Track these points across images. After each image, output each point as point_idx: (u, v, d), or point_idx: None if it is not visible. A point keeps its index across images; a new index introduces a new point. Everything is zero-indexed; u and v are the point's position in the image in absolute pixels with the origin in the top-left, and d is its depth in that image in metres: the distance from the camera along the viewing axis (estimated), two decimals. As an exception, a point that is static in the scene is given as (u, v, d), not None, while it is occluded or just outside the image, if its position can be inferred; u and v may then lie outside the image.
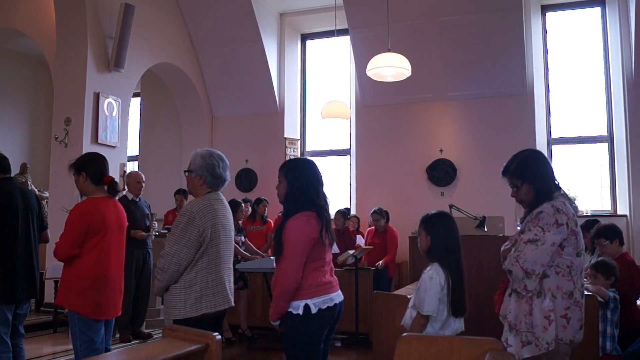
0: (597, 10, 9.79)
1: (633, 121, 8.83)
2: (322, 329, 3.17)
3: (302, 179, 3.19)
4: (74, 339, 3.88)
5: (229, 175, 3.57)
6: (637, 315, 4.80)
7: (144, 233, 6.89)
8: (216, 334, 2.49)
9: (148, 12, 9.49)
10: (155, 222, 7.24)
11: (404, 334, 2.70)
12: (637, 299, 4.91)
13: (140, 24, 9.08)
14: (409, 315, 3.24)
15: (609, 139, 9.39)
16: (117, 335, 6.80)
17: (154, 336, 7.06)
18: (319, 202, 3.19)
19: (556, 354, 2.92)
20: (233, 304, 3.50)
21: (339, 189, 10.92)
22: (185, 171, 3.53)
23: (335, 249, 7.46)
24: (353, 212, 9.97)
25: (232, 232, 3.56)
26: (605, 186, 9.39)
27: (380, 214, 8.04)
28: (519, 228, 3.20)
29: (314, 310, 3.09)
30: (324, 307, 3.13)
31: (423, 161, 9.76)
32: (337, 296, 3.26)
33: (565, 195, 3.13)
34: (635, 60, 8.70)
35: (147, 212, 7.15)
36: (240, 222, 7.35)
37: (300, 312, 3.08)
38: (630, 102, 8.89)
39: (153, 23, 9.71)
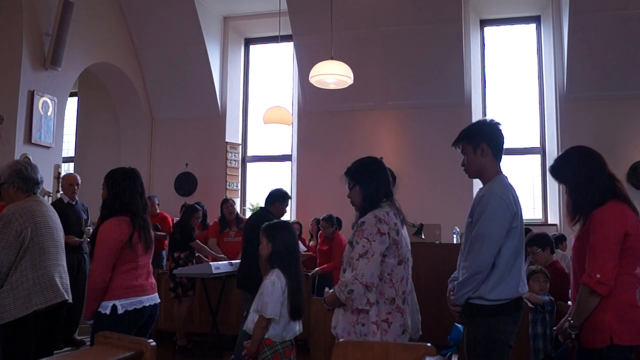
0: (532, 26, 10.16)
1: (564, 134, 9.15)
2: (129, 330, 3.31)
3: (118, 187, 3.43)
4: None
5: (41, 177, 3.75)
6: (567, 320, 4.99)
7: (77, 239, 6.67)
8: (151, 340, 2.45)
9: (88, 9, 9.22)
10: (89, 227, 7.03)
11: (340, 340, 2.72)
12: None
13: (80, 21, 8.82)
14: (251, 319, 3.38)
15: (542, 150, 9.72)
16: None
17: (87, 343, 6.85)
18: (134, 209, 3.41)
19: None
20: (67, 298, 3.65)
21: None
22: None
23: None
24: (294, 218, 9.97)
25: (60, 231, 3.75)
26: (537, 196, 9.70)
27: (328, 222, 8.01)
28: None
29: (120, 310, 3.29)
30: (130, 308, 3.33)
31: (364, 169, 9.82)
32: (149, 299, 3.45)
33: (393, 205, 3.32)
34: (567, 75, 9.04)
35: (84, 215, 6.96)
36: (195, 227, 7.46)
37: (108, 311, 3.28)
38: (561, 115, 9.23)
39: (93, 21, 9.44)
